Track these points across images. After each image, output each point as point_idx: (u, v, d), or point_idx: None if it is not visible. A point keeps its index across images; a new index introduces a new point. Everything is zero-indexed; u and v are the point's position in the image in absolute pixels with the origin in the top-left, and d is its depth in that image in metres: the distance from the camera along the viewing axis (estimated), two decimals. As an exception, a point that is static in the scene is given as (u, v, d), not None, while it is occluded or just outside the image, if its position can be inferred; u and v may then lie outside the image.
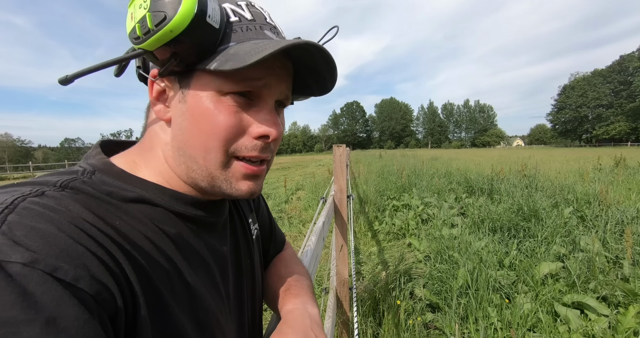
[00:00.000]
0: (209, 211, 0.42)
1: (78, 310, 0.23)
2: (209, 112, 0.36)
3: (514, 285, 2.56)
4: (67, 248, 0.25)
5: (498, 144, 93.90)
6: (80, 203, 0.30)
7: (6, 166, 28.17)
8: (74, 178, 0.33)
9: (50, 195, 0.29)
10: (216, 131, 0.36)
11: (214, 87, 0.36)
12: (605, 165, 8.62)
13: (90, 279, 0.25)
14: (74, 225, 0.27)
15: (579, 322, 2.02)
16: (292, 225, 5.09)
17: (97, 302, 0.25)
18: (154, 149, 0.40)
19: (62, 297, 0.23)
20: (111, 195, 0.34)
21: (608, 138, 67.84)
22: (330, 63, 0.39)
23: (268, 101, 0.39)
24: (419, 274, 2.95)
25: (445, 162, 12.49)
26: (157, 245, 0.34)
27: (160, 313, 0.32)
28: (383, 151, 34.23)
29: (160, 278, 0.33)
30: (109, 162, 0.38)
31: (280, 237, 0.69)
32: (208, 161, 0.37)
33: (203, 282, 0.39)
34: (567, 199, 4.48)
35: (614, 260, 2.75)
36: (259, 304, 0.55)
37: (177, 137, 0.38)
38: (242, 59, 0.32)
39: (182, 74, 0.37)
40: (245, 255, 0.51)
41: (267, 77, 0.37)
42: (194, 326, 0.36)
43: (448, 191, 5.92)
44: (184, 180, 0.40)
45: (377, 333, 2.13)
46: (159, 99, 0.39)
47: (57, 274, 0.23)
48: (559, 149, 42.08)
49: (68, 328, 0.22)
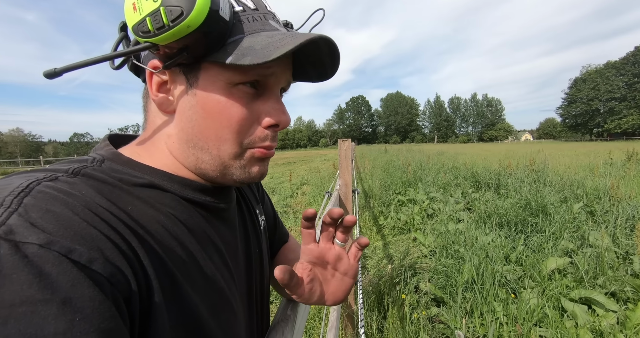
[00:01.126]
0: (217, 197, 0.42)
1: (93, 291, 0.23)
2: (221, 105, 0.36)
3: (520, 280, 2.55)
4: (82, 231, 0.25)
5: (506, 139, 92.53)
6: (93, 189, 0.30)
7: (18, 160, 28.79)
8: (85, 166, 0.34)
9: (64, 180, 0.29)
10: (231, 123, 0.37)
11: (223, 79, 0.36)
12: (616, 159, 8.43)
13: (104, 262, 0.25)
14: (87, 209, 0.27)
15: (586, 317, 2.00)
16: (298, 220, 5.11)
17: (111, 283, 0.25)
18: (156, 141, 0.40)
19: (77, 278, 0.23)
20: (122, 181, 0.34)
21: (620, 132, 66.23)
22: (334, 55, 0.39)
23: (274, 90, 0.40)
24: (424, 268, 2.95)
25: (451, 156, 12.36)
26: (170, 230, 0.34)
27: (175, 297, 0.32)
28: (388, 146, 34.02)
29: (175, 262, 0.33)
30: (117, 152, 0.38)
31: (284, 229, 0.70)
32: (222, 152, 0.38)
33: (217, 267, 0.39)
34: (577, 194, 4.41)
35: (623, 255, 2.71)
36: (266, 294, 0.55)
37: (186, 130, 0.38)
38: (262, 54, 0.33)
39: (189, 66, 0.36)
40: (255, 245, 0.51)
41: (274, 67, 0.38)
42: (209, 310, 0.36)
43: (454, 186, 5.87)
44: (192, 170, 0.40)
45: (381, 327, 2.15)
46: (160, 91, 0.38)
47: (72, 256, 0.23)
48: (568, 143, 41.29)
49: (84, 308, 0.22)
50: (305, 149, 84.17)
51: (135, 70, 0.41)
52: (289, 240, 0.70)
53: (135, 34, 0.34)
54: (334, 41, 0.37)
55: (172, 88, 0.38)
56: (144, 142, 0.41)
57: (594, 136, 72.85)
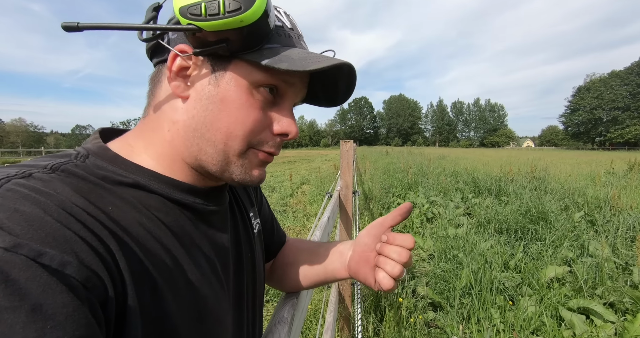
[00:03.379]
0: (207, 199, 0.41)
1: (66, 297, 0.22)
2: (241, 102, 0.37)
3: (518, 287, 2.53)
4: (54, 232, 0.24)
5: (507, 145, 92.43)
6: (70, 187, 0.28)
7: (19, 150, 28.83)
8: (66, 161, 0.32)
9: (38, 178, 0.28)
10: (245, 121, 0.37)
11: (250, 78, 0.37)
12: (618, 169, 8.41)
13: (78, 265, 0.24)
14: (62, 208, 0.26)
15: (584, 327, 1.99)
16: (297, 219, 5.10)
17: (86, 288, 0.24)
18: (158, 128, 0.39)
19: (48, 284, 0.21)
20: (105, 179, 0.32)
21: (622, 142, 66.14)
22: (351, 84, 0.43)
23: (290, 102, 0.42)
24: (422, 273, 2.94)
25: (452, 161, 12.35)
26: (152, 232, 0.33)
27: (153, 302, 0.30)
28: (390, 148, 34.00)
29: (156, 266, 0.31)
30: (105, 146, 0.37)
31: (281, 231, 0.69)
32: (228, 147, 0.38)
33: (202, 271, 0.38)
34: (578, 203, 4.39)
35: (623, 266, 2.69)
36: (259, 298, 0.54)
37: (198, 118, 0.37)
38: (300, 64, 0.35)
39: (221, 58, 0.37)
40: (247, 249, 0.50)
41: (295, 81, 0.40)
42: (191, 315, 0.35)
43: (454, 190, 5.86)
44: (189, 161, 0.39)
45: (378, 330, 2.14)
46: (179, 74, 0.37)
47: (42, 260, 0.22)
48: (570, 152, 41.24)
49: (56, 315, 0.21)
50: (307, 148, 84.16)
51: (151, 51, 0.40)
52: (287, 242, 0.69)
53: (182, 15, 0.33)
54: (355, 73, 0.41)
55: (194, 75, 0.37)
56: (143, 130, 0.40)
57: (596, 145, 72.72)
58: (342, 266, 0.56)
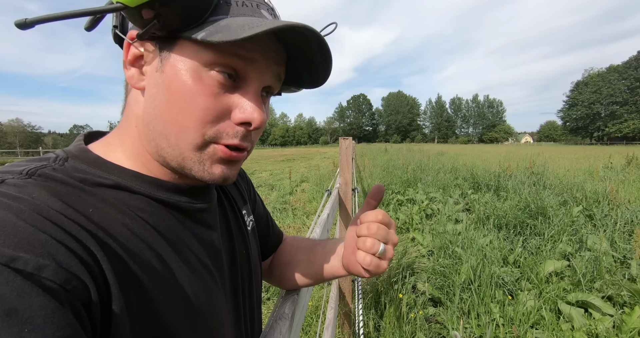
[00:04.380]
0: (193, 197, 0.40)
1: (43, 300, 0.22)
2: (187, 88, 0.33)
3: (517, 282, 2.55)
4: (27, 237, 0.23)
5: (506, 140, 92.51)
6: (47, 191, 0.28)
7: (17, 151, 28.69)
8: (44, 165, 0.31)
9: (12, 183, 0.27)
10: (193, 111, 0.33)
11: (197, 59, 0.33)
12: (616, 163, 8.43)
13: (56, 267, 0.23)
14: (36, 213, 0.25)
15: (582, 320, 2.01)
16: (296, 217, 5.11)
17: (66, 290, 0.23)
18: (129, 125, 0.37)
19: (22, 287, 0.21)
20: (84, 181, 0.32)
21: (620, 136, 66.27)
22: (325, 53, 0.36)
23: (254, 85, 0.36)
24: (422, 268, 2.95)
25: (451, 157, 12.36)
26: (136, 233, 0.32)
27: (140, 302, 0.30)
28: (389, 145, 33.95)
29: (141, 266, 0.31)
30: (85, 148, 0.36)
31: (277, 229, 0.68)
32: (182, 141, 0.34)
33: (192, 269, 0.37)
34: (576, 197, 4.41)
35: (621, 260, 2.71)
36: (257, 294, 0.54)
37: (148, 110, 0.35)
38: (235, 33, 0.30)
39: (165, 41, 0.33)
40: (240, 246, 0.49)
41: (256, 61, 0.35)
42: (184, 315, 0.34)
43: (454, 187, 5.87)
44: (156, 159, 0.37)
45: (378, 326, 2.15)
46: (134, 64, 0.36)
47: (15, 265, 0.21)
48: (568, 147, 41.30)
49: (33, 318, 0.21)
50: (306, 146, 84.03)
51: (119, 42, 0.37)
52: (285, 241, 0.68)
53: None
54: (323, 37, 0.34)
55: (145, 62, 0.35)
56: (120, 127, 0.38)
57: (594, 140, 72.89)
58: (339, 263, 0.56)
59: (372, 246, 0.44)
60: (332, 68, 0.39)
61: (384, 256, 0.45)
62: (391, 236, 0.46)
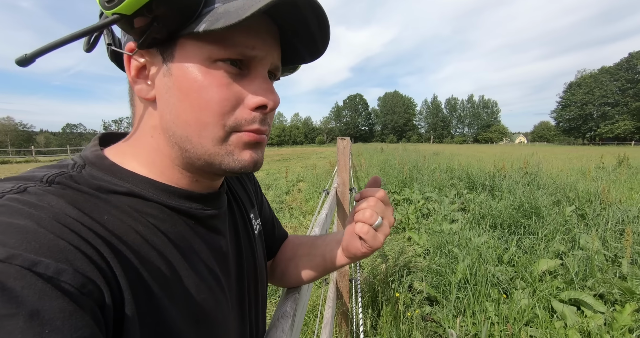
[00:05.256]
0: (205, 203, 0.41)
1: (62, 302, 0.23)
2: (198, 84, 0.33)
3: (512, 280, 2.59)
4: (48, 243, 0.24)
5: (501, 141, 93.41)
6: (64, 199, 0.29)
7: (8, 150, 28.20)
8: (63, 172, 0.32)
9: (33, 192, 0.28)
10: (210, 105, 0.33)
11: (201, 55, 0.33)
12: (608, 164, 8.58)
13: (73, 272, 0.24)
14: (55, 220, 0.26)
15: (575, 318, 2.05)
16: (293, 217, 5.11)
17: (82, 294, 0.24)
18: (142, 137, 0.38)
19: (43, 290, 0.22)
20: (99, 189, 0.33)
21: (612, 137, 67.31)
22: (323, 24, 0.35)
23: (260, 70, 0.36)
24: (418, 268, 2.98)
25: (447, 157, 12.45)
26: (148, 240, 0.33)
27: (150, 310, 0.31)
28: (385, 145, 34.08)
29: (152, 273, 0.32)
30: (102, 154, 0.36)
31: (282, 231, 0.69)
32: (204, 138, 0.35)
33: (201, 277, 0.37)
34: (569, 197, 4.48)
35: (612, 258, 2.77)
36: (262, 298, 0.54)
37: (165, 116, 0.35)
38: (236, 15, 0.29)
39: (165, 44, 0.33)
40: (247, 250, 0.50)
41: (258, 45, 0.35)
42: (190, 322, 0.35)
43: (449, 186, 5.92)
44: (179, 164, 0.37)
45: (375, 324, 2.17)
46: (139, 76, 0.36)
47: (37, 269, 0.23)
48: (562, 147, 41.84)
49: (54, 320, 0.22)
50: (302, 145, 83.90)
51: (116, 60, 0.37)
52: (286, 239, 0.69)
53: (102, 6, 0.30)
54: (320, 4, 0.33)
55: (150, 71, 0.35)
56: (132, 138, 0.39)
57: (587, 140, 73.91)
58: (340, 251, 0.57)
59: (370, 216, 0.46)
60: (330, 34, 0.38)
61: (381, 230, 0.47)
62: (388, 213, 0.48)
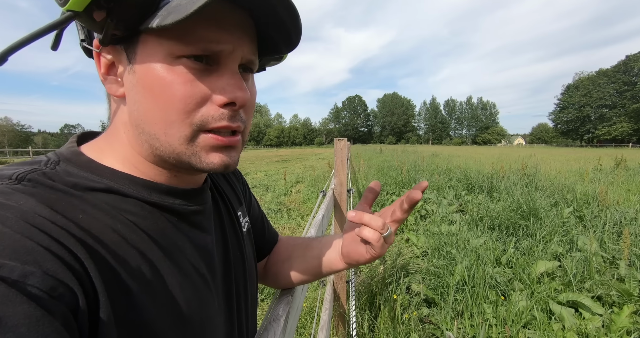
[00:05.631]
0: (187, 199, 0.39)
1: (28, 307, 0.21)
2: (160, 82, 0.32)
3: (510, 282, 2.58)
4: (13, 244, 0.23)
5: (499, 142, 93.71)
6: (35, 197, 0.27)
7: (6, 150, 28.09)
8: (34, 169, 0.31)
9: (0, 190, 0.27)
10: (173, 102, 0.32)
11: (162, 51, 0.32)
12: (605, 165, 8.61)
13: (42, 275, 0.23)
14: (23, 220, 0.25)
15: (573, 320, 2.04)
16: (291, 218, 5.10)
17: (52, 297, 0.23)
18: (117, 131, 0.37)
19: (6, 295, 0.21)
20: (75, 186, 0.31)
21: (610, 139, 67.62)
22: (290, 8, 0.33)
23: (229, 65, 0.34)
24: (416, 269, 2.97)
25: (445, 158, 12.48)
26: (127, 239, 0.31)
27: (129, 310, 0.29)
28: (384, 146, 34.12)
29: (131, 273, 0.30)
30: (78, 150, 0.35)
31: (272, 230, 0.68)
32: (170, 136, 0.33)
33: (184, 274, 0.36)
34: (567, 199, 4.48)
35: (610, 260, 2.76)
36: (252, 296, 0.53)
37: (133, 114, 0.34)
38: (184, 9, 0.28)
39: (127, 41, 0.32)
40: (235, 248, 0.49)
41: (223, 38, 0.33)
42: (174, 322, 0.34)
43: (447, 188, 5.92)
44: (151, 160, 0.36)
45: (372, 326, 2.16)
46: (109, 73, 0.35)
47: (1, 272, 0.21)
48: (560, 149, 42.01)
49: (17, 326, 0.20)
50: (301, 147, 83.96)
51: (90, 53, 0.36)
52: (280, 241, 0.68)
53: (57, 3, 0.29)
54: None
55: (119, 69, 0.34)
56: (108, 133, 0.38)
57: (585, 142, 74.24)
58: (337, 256, 0.56)
59: (382, 225, 0.46)
60: (301, 24, 0.36)
61: (387, 239, 0.47)
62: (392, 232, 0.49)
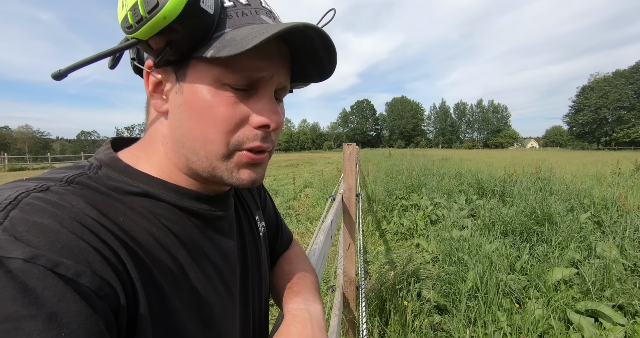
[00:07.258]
0: (214, 205, 0.42)
1: (80, 306, 0.23)
2: (206, 104, 0.35)
3: (525, 290, 2.50)
4: (69, 244, 0.25)
5: (511, 145, 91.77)
6: (84, 199, 0.30)
7: (26, 157, 29.16)
8: (80, 173, 0.33)
9: (55, 191, 0.29)
10: (216, 123, 0.36)
11: (211, 76, 0.35)
12: (624, 169, 8.30)
13: (92, 275, 0.25)
14: (76, 220, 0.27)
15: (592, 330, 1.96)
16: (300, 222, 5.10)
17: (99, 297, 0.25)
18: (154, 142, 0.40)
19: (63, 293, 0.22)
20: (116, 190, 0.34)
21: (629, 141, 65.33)
22: (329, 46, 0.37)
23: (267, 90, 0.38)
24: (427, 275, 2.92)
25: (456, 162, 12.29)
26: (160, 242, 0.34)
27: (161, 311, 0.31)
28: (393, 150, 33.89)
29: (164, 275, 0.33)
30: (116, 157, 0.38)
31: (287, 235, 0.68)
32: (209, 152, 0.37)
33: (209, 279, 0.39)
34: (584, 204, 4.34)
35: (632, 268, 2.65)
36: (265, 302, 0.54)
37: (176, 129, 0.38)
38: (240, 45, 0.31)
39: (178, 64, 0.36)
40: (252, 252, 0.51)
41: (265, 67, 0.36)
42: (198, 323, 0.36)
43: (458, 192, 5.82)
44: (185, 172, 0.40)
45: (383, 333, 2.12)
46: (155, 91, 0.38)
47: (59, 270, 0.23)
48: (575, 152, 40.80)
49: (70, 323, 0.22)
50: (309, 151, 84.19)
51: (139, 72, 0.40)
52: (291, 248, 0.68)
53: (123, 31, 0.34)
54: (324, 31, 0.35)
55: (165, 87, 0.38)
56: (144, 143, 0.41)
57: (602, 145, 71.91)
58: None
59: None
60: (337, 59, 0.40)
61: None
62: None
